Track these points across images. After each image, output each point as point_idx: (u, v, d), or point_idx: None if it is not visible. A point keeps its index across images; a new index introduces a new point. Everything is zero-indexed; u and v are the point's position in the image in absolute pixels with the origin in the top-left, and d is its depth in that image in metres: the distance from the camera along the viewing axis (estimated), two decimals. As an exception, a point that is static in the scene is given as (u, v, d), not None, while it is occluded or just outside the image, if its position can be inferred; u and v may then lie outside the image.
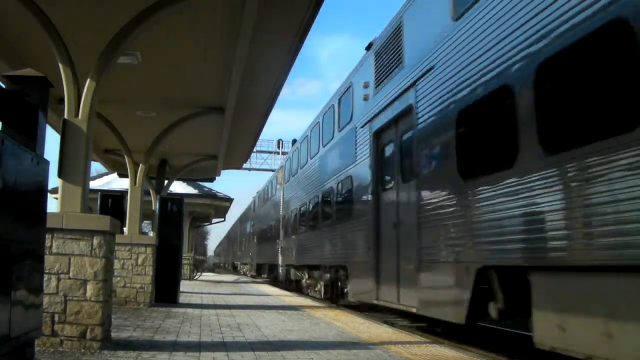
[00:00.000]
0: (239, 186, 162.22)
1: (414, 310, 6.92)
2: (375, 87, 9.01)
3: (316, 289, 13.87)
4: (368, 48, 9.57)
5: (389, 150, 8.61)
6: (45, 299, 4.41)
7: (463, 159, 5.98)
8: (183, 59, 7.10)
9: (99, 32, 5.51)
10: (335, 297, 12.00)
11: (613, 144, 3.82)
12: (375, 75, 9.05)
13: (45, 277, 4.39)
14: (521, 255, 4.84)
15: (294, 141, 27.90)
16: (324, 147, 12.89)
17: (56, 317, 4.59)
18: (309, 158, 14.75)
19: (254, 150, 21.51)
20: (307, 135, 15.22)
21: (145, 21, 5.13)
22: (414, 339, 6.18)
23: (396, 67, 8.13)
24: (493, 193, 5.30)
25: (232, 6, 5.51)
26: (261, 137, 14.32)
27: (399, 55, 8.05)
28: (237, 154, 13.62)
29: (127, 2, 5.21)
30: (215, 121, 9.50)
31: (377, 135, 8.94)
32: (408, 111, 7.54)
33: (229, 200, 25.04)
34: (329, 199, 12.13)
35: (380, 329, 6.95)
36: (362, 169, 9.64)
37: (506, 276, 5.24)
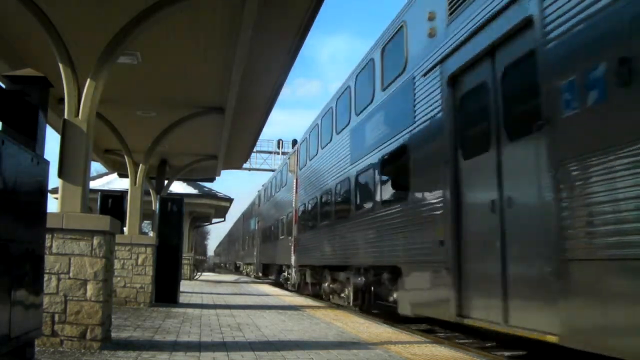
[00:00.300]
0: (239, 186, 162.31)
1: (553, 340, 4.48)
2: (450, 14, 6.69)
3: (342, 294, 11.18)
4: None
5: (477, 97, 6.16)
6: (46, 299, 4.41)
7: None
8: (183, 59, 7.10)
9: (99, 32, 5.51)
10: (368, 305, 9.85)
11: None
12: None
13: (46, 277, 4.39)
14: None
15: (295, 141, 27.73)
16: (357, 115, 10.41)
17: (56, 317, 4.59)
18: (334, 134, 12.12)
19: (254, 150, 21.54)
20: (330, 108, 12.70)
21: (145, 21, 5.13)
22: (414, 339, 6.17)
23: None
24: None
25: (232, 6, 5.51)
26: (261, 137, 13.92)
27: None
28: (237, 154, 13.63)
29: (127, 2, 5.21)
30: (215, 121, 9.50)
31: (454, 81, 6.58)
32: (522, 28, 5.27)
33: (229, 200, 25.06)
34: (367, 180, 9.51)
35: (380, 329, 6.94)
36: (425, 132, 7.22)
37: None
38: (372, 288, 9.33)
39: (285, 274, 18.37)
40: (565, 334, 4.37)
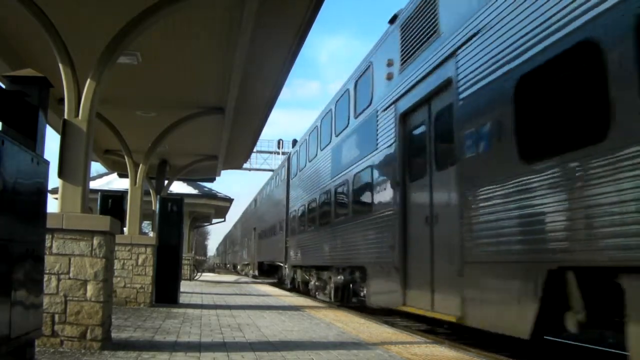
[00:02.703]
0: (239, 186, 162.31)
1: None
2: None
3: None
4: None
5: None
6: (46, 299, 4.41)
7: None
8: (183, 59, 7.10)
9: (99, 32, 5.51)
10: None
11: None
12: None
13: (46, 277, 4.39)
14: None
15: (295, 142, 27.43)
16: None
17: (56, 318, 4.58)
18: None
19: (254, 150, 21.48)
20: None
21: (145, 21, 5.12)
22: (414, 339, 6.17)
23: None
24: None
25: (232, 6, 5.51)
26: (261, 137, 13.49)
27: None
28: (238, 154, 13.63)
29: (127, 3, 5.21)
30: (215, 121, 9.50)
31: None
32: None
33: (229, 200, 25.08)
34: None
35: (381, 329, 6.94)
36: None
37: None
38: None
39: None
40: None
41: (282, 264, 19.19)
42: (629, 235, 3.71)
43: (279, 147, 36.65)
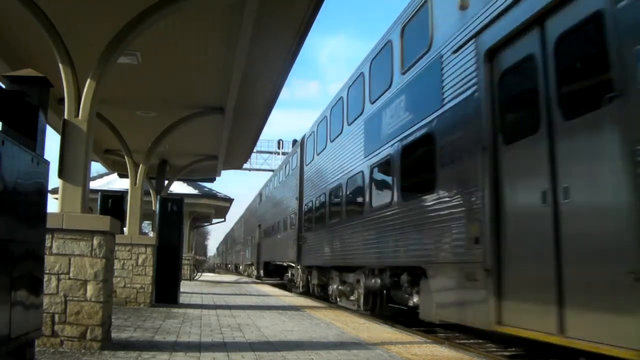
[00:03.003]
0: (239, 186, 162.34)
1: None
2: None
3: None
4: None
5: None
6: (46, 300, 4.41)
7: None
8: (183, 59, 7.10)
9: (99, 32, 5.51)
10: None
11: None
12: None
13: (46, 277, 4.39)
14: None
15: (295, 141, 27.27)
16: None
17: (56, 318, 4.58)
18: None
19: (254, 150, 21.36)
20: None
21: (145, 21, 5.12)
22: (414, 339, 6.16)
23: None
24: None
25: (232, 6, 5.51)
26: (261, 137, 13.27)
27: None
28: (238, 154, 13.63)
29: (127, 2, 5.21)
30: (215, 121, 9.50)
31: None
32: None
33: (229, 200, 25.08)
34: None
35: (381, 329, 6.94)
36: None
37: None
38: None
39: None
40: None
41: (293, 264, 16.69)
42: None
43: (279, 147, 36.75)
